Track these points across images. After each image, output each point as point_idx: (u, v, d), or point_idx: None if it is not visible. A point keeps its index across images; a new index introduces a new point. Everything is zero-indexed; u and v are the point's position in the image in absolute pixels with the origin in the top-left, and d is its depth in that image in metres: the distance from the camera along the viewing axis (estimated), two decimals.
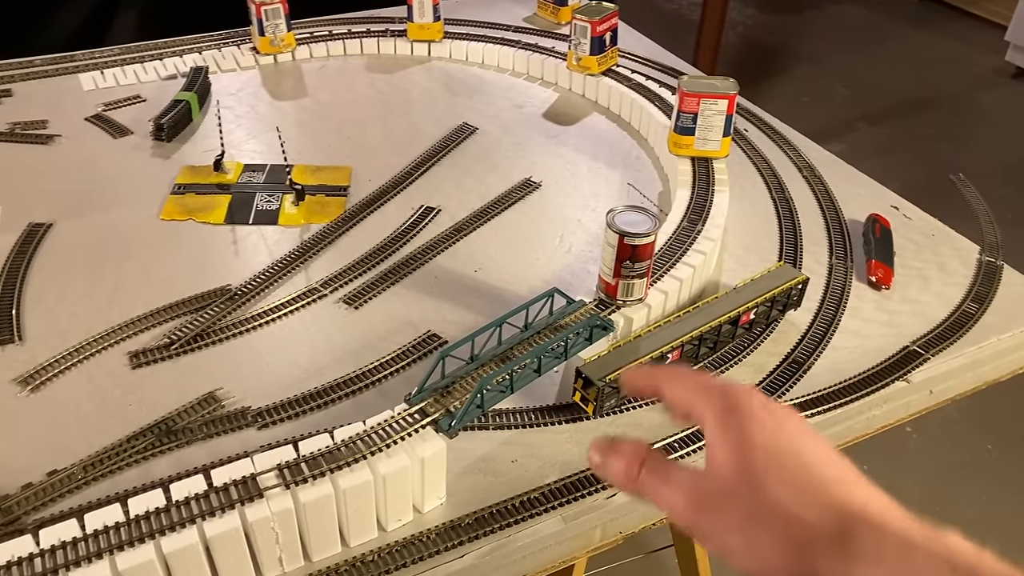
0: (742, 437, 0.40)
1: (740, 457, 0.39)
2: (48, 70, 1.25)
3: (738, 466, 0.39)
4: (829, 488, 0.38)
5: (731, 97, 0.98)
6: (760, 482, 0.38)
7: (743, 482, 0.39)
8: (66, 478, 0.65)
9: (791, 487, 0.38)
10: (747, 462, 0.39)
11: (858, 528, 0.36)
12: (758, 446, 0.39)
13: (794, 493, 0.38)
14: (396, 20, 1.40)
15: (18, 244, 0.91)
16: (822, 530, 0.37)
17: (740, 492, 0.39)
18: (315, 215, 0.98)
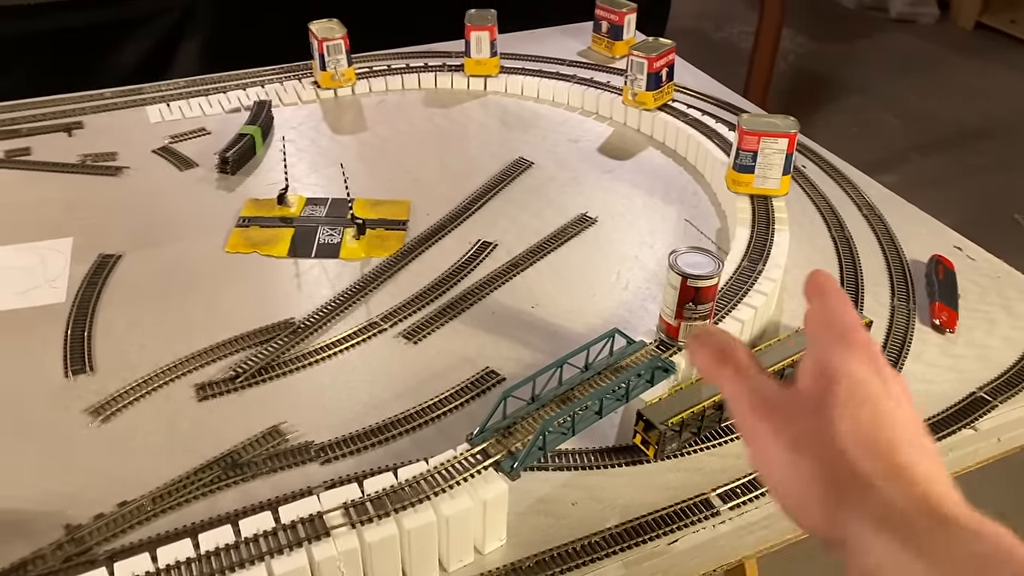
0: (838, 364, 0.38)
1: (824, 380, 0.38)
2: (117, 102, 1.30)
3: (817, 386, 0.38)
4: (897, 449, 0.36)
5: (791, 136, 0.98)
6: (830, 410, 0.37)
7: (814, 402, 0.38)
8: (136, 509, 0.67)
9: (859, 430, 0.36)
10: (828, 387, 0.38)
11: (902, 498, 0.34)
12: (847, 379, 0.38)
13: (859, 436, 0.36)
14: (453, 55, 1.42)
15: (89, 274, 0.93)
16: (866, 483, 0.35)
17: (806, 410, 0.38)
18: (375, 249, 0.99)
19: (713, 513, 0.68)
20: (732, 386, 0.41)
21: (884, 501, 0.34)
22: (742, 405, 0.40)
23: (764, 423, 0.39)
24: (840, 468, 0.36)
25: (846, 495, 0.35)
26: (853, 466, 0.35)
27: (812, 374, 0.39)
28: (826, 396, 0.37)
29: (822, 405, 0.37)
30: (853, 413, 0.37)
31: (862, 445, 0.36)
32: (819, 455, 0.36)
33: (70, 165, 1.13)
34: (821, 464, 0.36)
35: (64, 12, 1.70)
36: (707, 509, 0.69)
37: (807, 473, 0.36)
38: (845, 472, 0.35)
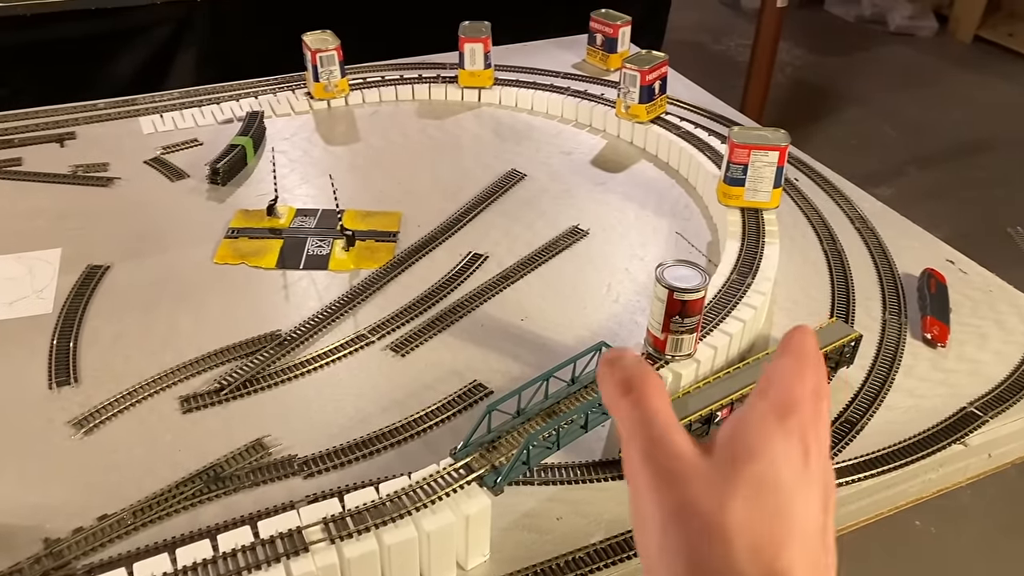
0: (763, 442, 0.33)
1: (741, 453, 0.33)
2: (110, 113, 1.29)
3: (729, 455, 0.33)
4: (782, 551, 0.31)
5: (782, 149, 0.97)
6: (732, 491, 0.32)
7: (718, 474, 0.32)
8: (116, 523, 0.66)
9: (753, 523, 0.31)
10: (742, 464, 0.32)
11: None
12: (767, 462, 0.33)
13: (750, 530, 0.31)
14: (447, 66, 1.42)
15: (77, 285, 0.93)
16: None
17: (706, 478, 0.32)
18: (365, 261, 0.99)
19: None
20: (629, 421, 0.35)
21: None
22: (633, 445, 0.34)
23: (651, 473, 0.33)
24: (713, 559, 0.31)
25: None
26: (729, 562, 0.31)
27: (730, 438, 0.34)
28: (734, 472, 0.32)
29: (726, 481, 0.32)
30: (756, 503, 0.32)
31: (748, 541, 0.31)
32: (697, 532, 0.32)
33: (61, 175, 1.13)
34: (695, 545, 0.31)
35: (60, 23, 1.70)
36: None
37: (676, 546, 0.32)
38: (717, 564, 0.31)
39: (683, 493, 0.32)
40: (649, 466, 0.33)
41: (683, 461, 0.33)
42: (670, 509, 0.32)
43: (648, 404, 0.35)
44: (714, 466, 0.33)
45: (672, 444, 0.34)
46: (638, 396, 0.35)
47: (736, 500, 0.32)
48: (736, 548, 0.31)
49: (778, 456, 0.33)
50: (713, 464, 0.33)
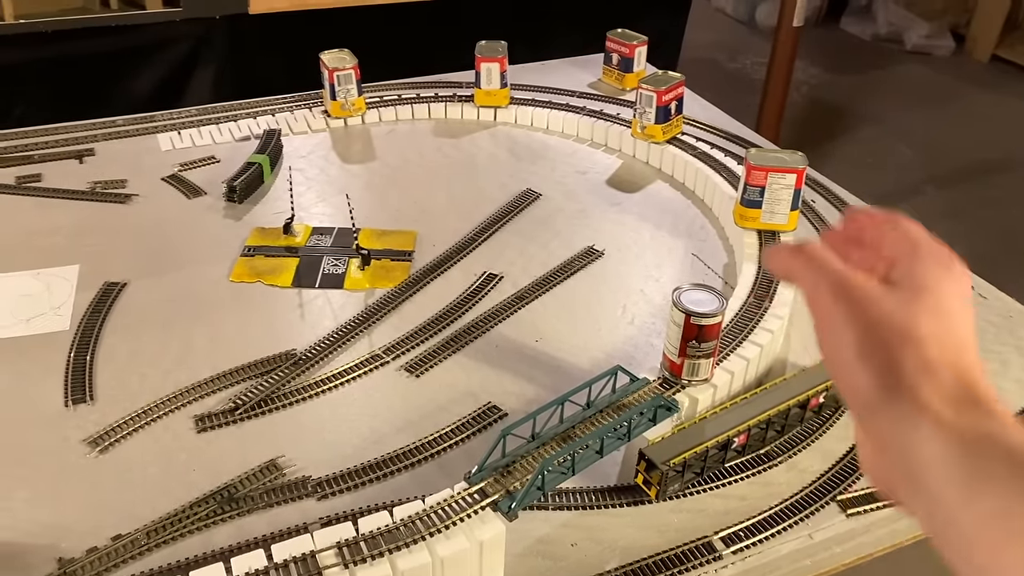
0: (933, 280, 0.38)
1: (916, 285, 0.37)
2: (128, 130, 1.30)
3: (907, 287, 0.38)
4: (967, 358, 0.36)
5: (800, 171, 0.97)
6: (917, 308, 0.37)
7: (901, 298, 0.37)
8: (130, 543, 0.66)
9: (939, 330, 0.36)
10: (919, 293, 0.37)
11: (975, 409, 0.34)
12: (940, 294, 0.37)
13: (937, 335, 0.36)
14: (463, 85, 1.42)
15: (94, 302, 0.93)
16: (945, 388, 0.35)
17: (891, 300, 0.37)
18: (380, 280, 0.99)
19: (715, 557, 0.67)
20: (810, 272, 0.39)
21: (949, 401, 0.34)
22: (821, 289, 0.39)
23: (846, 302, 0.38)
24: (910, 356, 0.36)
25: (910, 385, 0.35)
26: (923, 357, 0.36)
27: (910, 276, 0.39)
28: (917, 299, 0.37)
29: (912, 303, 0.37)
30: (937, 320, 0.37)
31: (937, 343, 0.36)
32: (895, 336, 0.36)
33: (80, 192, 1.14)
34: (894, 346, 0.36)
35: (79, 39, 1.72)
36: (709, 552, 0.67)
37: (874, 350, 0.37)
38: (913, 360, 0.36)
39: (879, 310, 0.37)
40: (842, 298, 0.38)
41: (873, 289, 0.38)
42: (867, 323, 0.37)
43: (822, 254, 0.39)
44: (900, 293, 0.38)
45: (858, 278, 0.39)
46: (809, 252, 0.39)
47: (922, 316, 0.37)
48: (928, 347, 0.36)
49: (950, 292, 0.38)
50: (898, 292, 0.38)
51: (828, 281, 0.39)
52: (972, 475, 0.32)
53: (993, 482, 0.32)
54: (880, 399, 0.36)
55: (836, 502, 0.73)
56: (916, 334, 0.37)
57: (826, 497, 0.73)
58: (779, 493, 0.73)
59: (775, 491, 0.73)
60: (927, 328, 0.37)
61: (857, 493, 0.73)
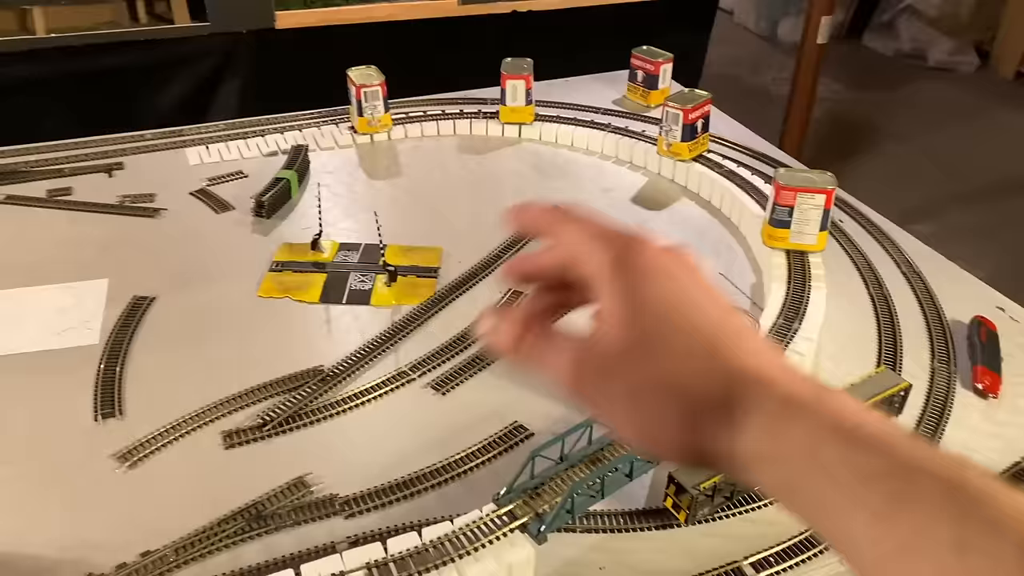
0: (632, 295, 0.36)
1: (628, 319, 0.36)
2: (157, 144, 1.32)
3: (625, 329, 0.36)
4: (719, 350, 0.36)
5: (829, 192, 0.96)
6: (647, 348, 0.36)
7: (630, 348, 0.36)
8: (159, 559, 0.66)
9: (679, 353, 0.35)
10: (635, 325, 0.36)
11: (744, 393, 0.34)
12: (648, 306, 0.36)
13: (682, 360, 0.35)
14: (488, 102, 1.43)
15: (123, 317, 0.94)
16: (709, 399, 0.34)
17: (626, 359, 0.36)
18: (406, 296, 0.99)
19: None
20: (551, 357, 0.39)
21: (732, 406, 0.34)
22: (568, 376, 0.38)
23: (593, 386, 0.37)
24: (681, 400, 0.35)
25: (696, 422, 0.35)
26: (690, 391, 0.35)
27: (609, 307, 0.37)
28: (636, 333, 0.36)
29: (636, 343, 0.36)
30: (668, 339, 0.36)
31: (689, 366, 0.35)
32: (657, 399, 0.35)
33: (109, 205, 1.15)
34: (663, 405, 0.35)
35: (108, 53, 1.74)
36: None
37: (655, 419, 0.36)
38: (686, 401, 0.35)
39: (620, 380, 0.36)
40: (585, 384, 0.38)
41: (602, 360, 0.37)
42: (625, 396, 0.36)
43: (550, 336, 0.40)
44: (619, 342, 0.36)
45: (586, 351, 0.38)
46: (538, 331, 0.40)
47: (654, 350, 0.36)
48: (691, 383, 0.35)
49: (647, 290, 0.37)
50: (617, 341, 0.36)
51: (567, 365, 0.38)
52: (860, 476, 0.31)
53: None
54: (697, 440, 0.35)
55: None
56: (663, 380, 0.35)
57: None
58: None
59: None
60: (663, 357, 0.35)
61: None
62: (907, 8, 4.04)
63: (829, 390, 0.34)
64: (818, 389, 0.34)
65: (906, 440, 0.32)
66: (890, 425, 0.33)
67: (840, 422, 0.33)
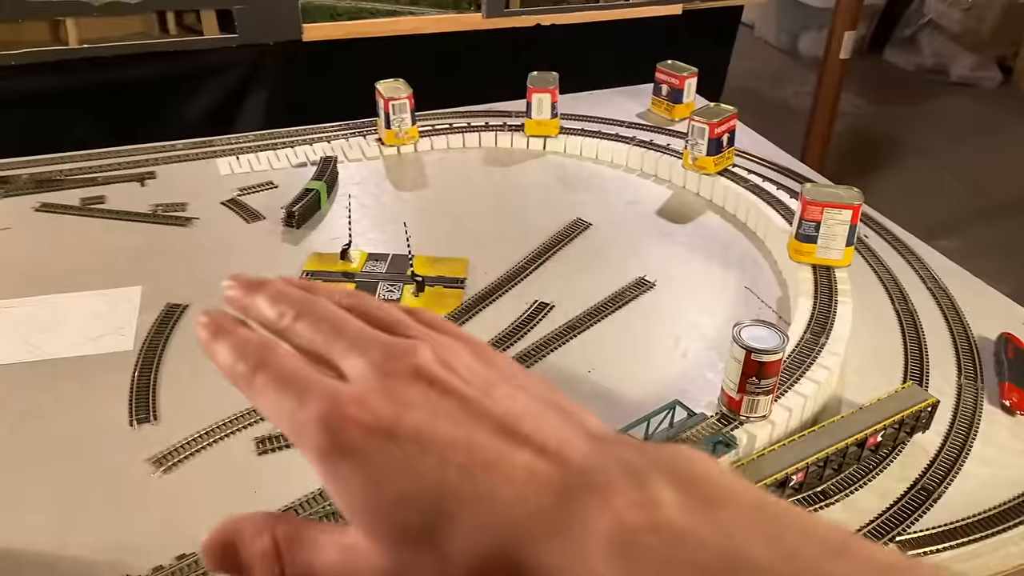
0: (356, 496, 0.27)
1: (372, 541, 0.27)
2: (188, 154, 1.34)
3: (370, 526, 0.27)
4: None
5: (855, 207, 0.97)
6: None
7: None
8: (194, 563, 0.67)
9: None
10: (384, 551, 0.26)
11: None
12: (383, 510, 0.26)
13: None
14: (513, 115, 1.44)
15: (156, 324, 0.96)
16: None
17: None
18: (433, 307, 1.00)
19: None
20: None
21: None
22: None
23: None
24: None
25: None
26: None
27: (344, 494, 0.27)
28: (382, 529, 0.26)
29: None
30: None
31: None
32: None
33: (142, 214, 1.17)
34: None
35: (138, 64, 1.77)
36: None
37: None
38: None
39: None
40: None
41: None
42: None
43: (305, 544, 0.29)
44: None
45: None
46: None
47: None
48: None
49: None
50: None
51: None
52: None
53: None
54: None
55: (895, 542, 0.72)
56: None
57: (884, 537, 0.72)
58: None
59: None
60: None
61: (917, 534, 0.73)
62: (929, 23, 4.04)
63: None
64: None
65: None
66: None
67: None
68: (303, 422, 0.27)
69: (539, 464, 0.26)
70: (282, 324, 0.31)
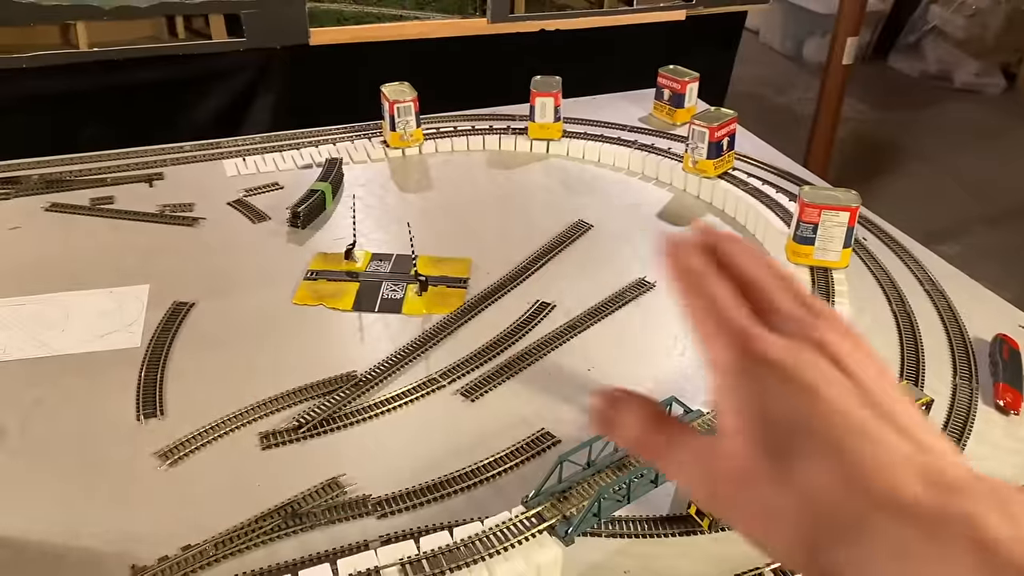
0: (750, 408, 0.31)
1: (748, 437, 0.31)
2: (195, 155, 1.36)
3: (748, 447, 0.31)
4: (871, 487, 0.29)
5: (853, 210, 0.98)
6: (775, 474, 0.30)
7: (755, 470, 0.31)
8: (199, 554, 0.69)
9: (813, 483, 0.29)
10: (757, 445, 0.31)
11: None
12: (771, 425, 0.31)
13: (817, 490, 0.29)
14: (517, 118, 1.46)
15: (163, 321, 0.97)
16: (840, 531, 0.29)
17: (753, 481, 0.31)
18: (436, 306, 1.02)
19: None
20: (685, 467, 0.34)
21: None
22: (699, 489, 0.34)
23: (726, 501, 0.32)
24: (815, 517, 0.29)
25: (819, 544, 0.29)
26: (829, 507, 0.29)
27: (735, 426, 0.31)
28: (773, 458, 0.30)
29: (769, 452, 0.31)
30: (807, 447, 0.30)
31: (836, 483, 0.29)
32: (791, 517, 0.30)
33: (150, 214, 1.19)
34: (795, 524, 0.30)
35: (147, 67, 1.79)
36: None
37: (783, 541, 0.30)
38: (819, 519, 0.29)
39: (754, 496, 0.32)
40: (718, 499, 0.33)
41: (736, 469, 0.33)
42: (759, 514, 0.31)
43: (682, 440, 0.35)
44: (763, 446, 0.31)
45: (717, 459, 0.33)
46: (667, 431, 0.35)
47: (792, 460, 0.30)
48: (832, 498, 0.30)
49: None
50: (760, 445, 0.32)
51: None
52: None
53: None
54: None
55: None
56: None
57: None
58: None
59: None
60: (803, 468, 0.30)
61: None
62: (933, 30, 4.05)
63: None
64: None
65: None
66: None
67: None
68: (721, 341, 0.33)
69: (919, 457, 0.29)
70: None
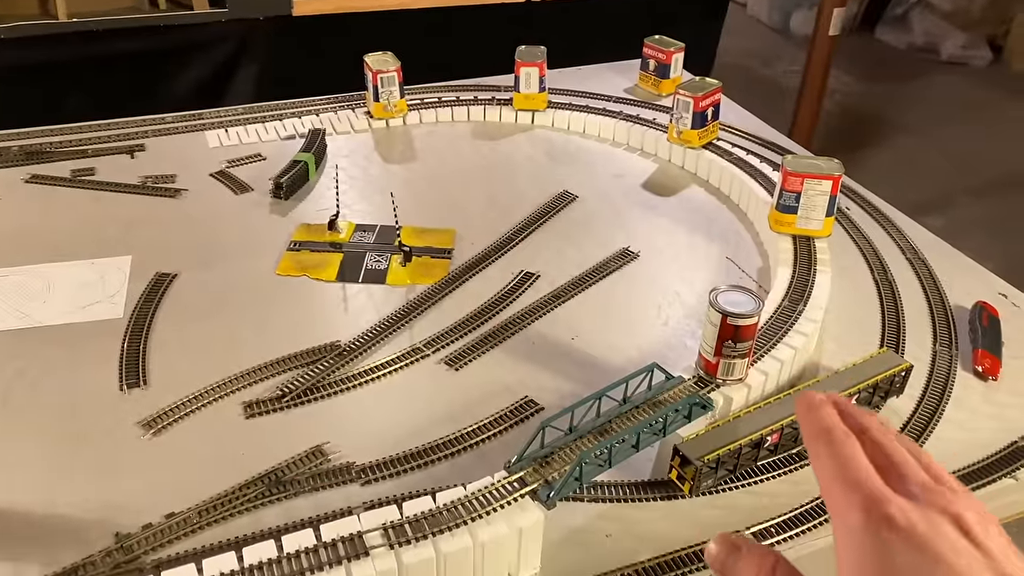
0: (870, 568, 0.33)
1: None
2: (177, 127, 1.34)
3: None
4: None
5: (835, 178, 0.98)
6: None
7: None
8: (183, 521, 0.69)
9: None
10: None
11: None
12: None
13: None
14: (502, 89, 1.45)
15: (146, 292, 0.97)
16: None
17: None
18: (420, 276, 1.01)
19: None
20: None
21: None
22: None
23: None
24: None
25: None
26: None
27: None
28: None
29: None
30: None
31: None
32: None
33: (132, 186, 1.18)
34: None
35: (128, 38, 1.77)
36: None
37: None
38: None
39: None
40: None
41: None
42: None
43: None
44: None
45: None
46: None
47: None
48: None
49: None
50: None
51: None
52: None
53: None
54: None
55: None
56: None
57: None
58: (810, 491, 0.74)
59: (806, 489, 0.75)
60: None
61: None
62: (920, 2, 4.04)
63: None
64: None
65: None
66: None
67: None
68: (850, 501, 0.34)
69: None
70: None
